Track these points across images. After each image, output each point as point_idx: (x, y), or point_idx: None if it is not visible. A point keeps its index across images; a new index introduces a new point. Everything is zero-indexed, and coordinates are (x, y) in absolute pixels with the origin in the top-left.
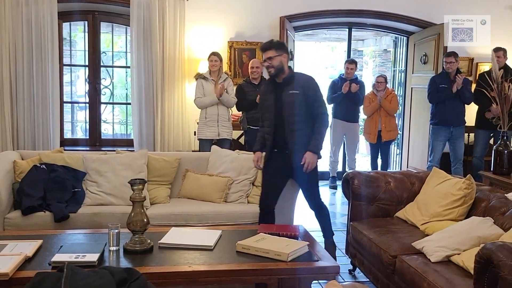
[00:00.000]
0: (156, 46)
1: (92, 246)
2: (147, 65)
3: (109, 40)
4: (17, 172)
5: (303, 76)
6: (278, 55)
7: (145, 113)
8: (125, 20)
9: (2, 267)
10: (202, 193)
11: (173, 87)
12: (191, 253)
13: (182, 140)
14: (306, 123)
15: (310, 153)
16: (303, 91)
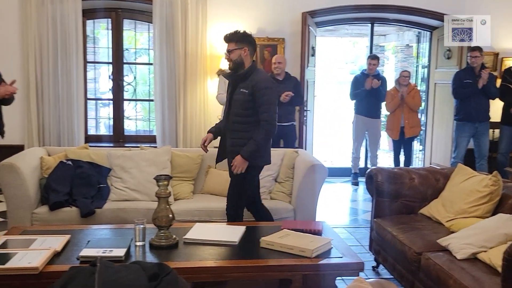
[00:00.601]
0: (178, 43)
1: (119, 241)
2: (169, 61)
3: (131, 37)
4: (44, 168)
5: (258, 76)
6: (238, 49)
7: (167, 110)
8: (147, 17)
9: (33, 261)
10: (225, 189)
11: (195, 83)
12: (216, 248)
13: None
14: (249, 126)
15: (239, 157)
16: (251, 91)
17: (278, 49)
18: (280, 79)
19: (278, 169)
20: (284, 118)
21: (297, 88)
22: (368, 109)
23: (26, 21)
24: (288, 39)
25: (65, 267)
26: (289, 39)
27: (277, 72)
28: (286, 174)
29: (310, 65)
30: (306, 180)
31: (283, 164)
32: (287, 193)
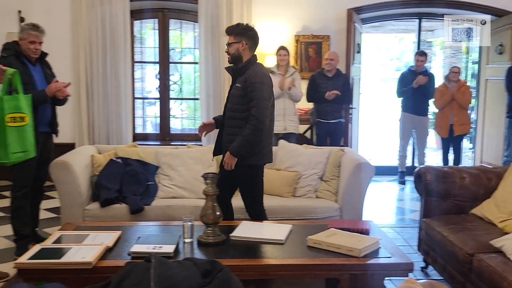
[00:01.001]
0: (224, 42)
1: (168, 237)
2: (214, 60)
3: (177, 37)
4: (95, 166)
5: (253, 70)
6: (236, 42)
7: (212, 108)
8: (193, 16)
9: (86, 256)
10: (270, 187)
11: None
12: (263, 246)
13: None
14: (243, 121)
15: (228, 153)
16: (244, 86)
17: (323, 46)
18: (329, 75)
19: (323, 167)
20: (331, 116)
21: (346, 87)
22: (416, 107)
23: (76, 23)
24: (333, 36)
25: (116, 262)
26: (334, 36)
27: (328, 68)
28: (332, 172)
29: (355, 63)
30: (352, 179)
31: (328, 163)
32: (333, 191)
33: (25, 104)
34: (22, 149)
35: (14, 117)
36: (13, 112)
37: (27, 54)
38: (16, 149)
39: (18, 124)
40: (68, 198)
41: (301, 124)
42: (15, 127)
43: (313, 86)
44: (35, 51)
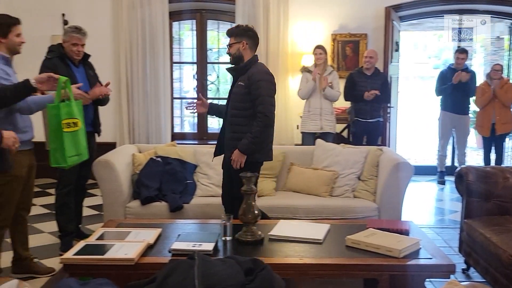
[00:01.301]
0: (260, 42)
1: (207, 236)
2: None
3: (214, 37)
4: (136, 164)
5: (255, 69)
6: (236, 43)
7: None
8: (230, 17)
9: (129, 253)
10: (308, 187)
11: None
12: (301, 245)
13: (285, 134)
14: (246, 119)
15: (236, 151)
16: (247, 84)
17: (361, 45)
18: (368, 74)
19: (361, 167)
20: (369, 115)
21: (385, 85)
22: (456, 105)
23: (117, 25)
24: (370, 35)
25: (157, 259)
26: (371, 34)
27: (367, 66)
28: (370, 172)
29: (393, 61)
30: (391, 179)
31: (366, 162)
32: (371, 191)
33: (77, 109)
34: (76, 153)
35: (68, 123)
36: (67, 118)
37: (70, 56)
38: (72, 152)
39: (72, 129)
40: (110, 196)
41: (338, 123)
42: (70, 132)
43: (351, 85)
44: (77, 53)
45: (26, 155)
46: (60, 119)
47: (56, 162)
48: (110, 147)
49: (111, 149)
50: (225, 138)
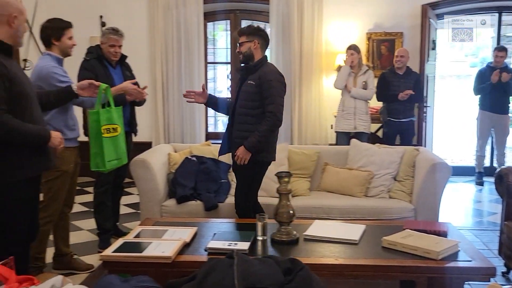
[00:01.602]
0: (294, 41)
1: (242, 235)
2: (285, 60)
3: None
4: (171, 164)
5: (267, 68)
6: (248, 41)
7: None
8: (264, 17)
9: (166, 251)
10: (342, 187)
11: (310, 80)
12: (336, 246)
13: (319, 133)
14: (255, 118)
15: (242, 148)
16: (258, 83)
17: (396, 43)
18: (400, 73)
19: (397, 167)
20: (402, 114)
21: (418, 85)
22: (495, 104)
23: (153, 26)
24: (406, 33)
25: (194, 258)
26: (407, 33)
27: (398, 66)
28: (406, 172)
29: (430, 60)
30: (428, 179)
31: (402, 162)
32: (407, 192)
33: (117, 116)
34: (116, 157)
35: (108, 129)
36: (107, 124)
37: (108, 57)
38: (111, 157)
39: (111, 134)
40: (147, 195)
41: (373, 123)
42: (109, 138)
43: (383, 85)
44: (115, 54)
45: (73, 152)
46: (100, 125)
47: (96, 166)
48: (145, 147)
49: (146, 148)
50: (233, 137)
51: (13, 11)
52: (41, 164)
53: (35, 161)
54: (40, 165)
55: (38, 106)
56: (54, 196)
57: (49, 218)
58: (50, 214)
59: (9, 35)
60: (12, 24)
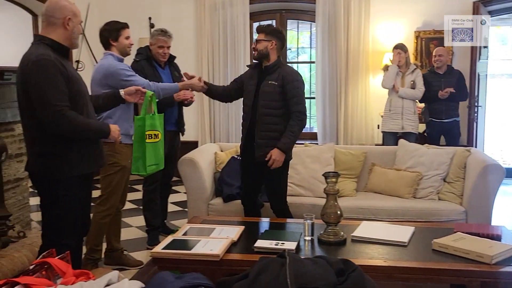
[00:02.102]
0: (341, 40)
1: (289, 234)
2: (331, 59)
3: (291, 37)
4: (218, 163)
5: (288, 69)
6: (266, 40)
7: (328, 107)
8: (310, 16)
9: (214, 249)
10: (390, 188)
11: (357, 80)
12: (385, 248)
13: (365, 133)
14: (280, 118)
15: (277, 150)
16: (282, 83)
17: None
18: (440, 72)
19: (447, 168)
20: (445, 114)
21: (461, 83)
22: None
23: (200, 27)
24: None
25: (241, 256)
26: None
27: (438, 65)
28: (456, 174)
29: (482, 58)
30: (480, 181)
31: (453, 164)
32: (457, 194)
33: (159, 123)
34: (155, 162)
35: (150, 135)
36: (150, 130)
37: (157, 58)
38: (151, 162)
39: (153, 140)
40: (194, 193)
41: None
42: (151, 143)
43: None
44: (163, 55)
45: (130, 149)
46: (144, 130)
47: (136, 170)
48: (192, 145)
49: (193, 147)
50: (256, 137)
51: (68, 13)
52: (94, 162)
53: (89, 160)
54: (93, 163)
55: (91, 105)
56: (113, 190)
57: (108, 211)
58: (109, 208)
59: (65, 37)
60: (67, 26)
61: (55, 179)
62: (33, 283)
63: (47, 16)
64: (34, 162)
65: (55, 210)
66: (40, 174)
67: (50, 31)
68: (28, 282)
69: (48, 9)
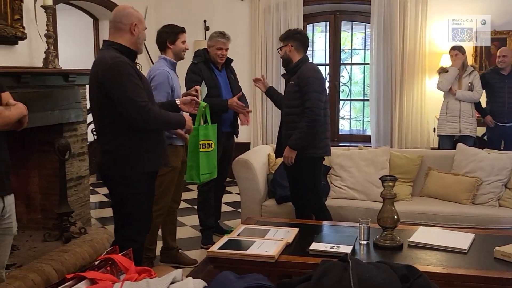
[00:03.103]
0: (396, 42)
1: (344, 238)
2: (386, 61)
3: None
4: (271, 165)
5: (305, 67)
6: (284, 46)
7: (383, 109)
8: (365, 17)
9: (269, 250)
10: (447, 193)
11: (412, 82)
12: (444, 254)
13: (420, 137)
14: (299, 117)
15: (287, 148)
16: (297, 82)
17: (508, 42)
18: (504, 73)
19: (508, 174)
20: (507, 118)
21: None
22: None
23: (254, 29)
24: None
25: (296, 258)
26: None
27: (502, 66)
28: None
29: None
30: None
31: None
32: None
33: (212, 133)
34: (209, 171)
35: (204, 144)
36: (204, 139)
37: (215, 60)
38: (205, 171)
39: (206, 150)
40: (248, 194)
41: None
42: (205, 153)
43: (483, 86)
44: (221, 57)
45: (180, 150)
46: (198, 140)
47: (190, 178)
48: (244, 147)
49: (245, 148)
50: (282, 138)
51: (134, 20)
52: (161, 160)
53: (157, 158)
54: (160, 161)
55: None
56: (164, 191)
57: (160, 211)
58: (161, 207)
59: (131, 42)
60: (134, 32)
61: (125, 177)
62: (99, 278)
63: (114, 22)
64: (105, 160)
65: (126, 208)
66: (110, 172)
67: (117, 37)
68: (94, 277)
69: (115, 16)
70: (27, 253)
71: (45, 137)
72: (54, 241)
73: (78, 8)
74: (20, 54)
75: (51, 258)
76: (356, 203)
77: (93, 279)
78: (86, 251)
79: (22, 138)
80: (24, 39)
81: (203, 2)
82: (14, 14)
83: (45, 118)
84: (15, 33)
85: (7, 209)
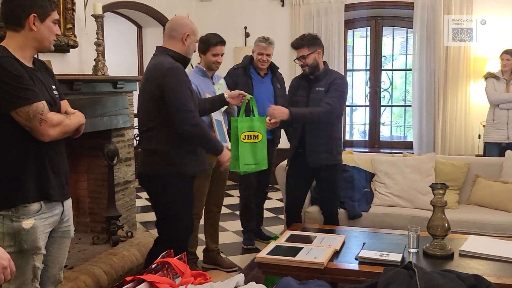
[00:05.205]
0: (440, 47)
1: (392, 246)
2: (428, 66)
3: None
4: None
5: (334, 74)
6: (312, 53)
7: (425, 115)
8: (407, 23)
9: (318, 257)
10: (495, 201)
11: (456, 88)
12: (497, 264)
13: (465, 143)
14: (326, 124)
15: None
16: (327, 88)
17: None
18: None
19: None
20: None
21: None
22: None
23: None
24: None
25: (344, 265)
26: None
27: None
28: None
29: None
30: None
31: None
32: None
33: (259, 124)
34: (254, 162)
35: (248, 135)
36: (248, 131)
37: (257, 66)
38: (249, 161)
39: (251, 141)
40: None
41: None
42: (248, 143)
43: None
44: (262, 62)
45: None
46: (238, 131)
47: (233, 168)
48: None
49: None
50: (307, 144)
51: (188, 30)
52: (202, 163)
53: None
54: (200, 164)
55: None
56: (197, 194)
57: (196, 215)
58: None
59: (181, 51)
60: (185, 41)
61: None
62: (157, 281)
63: (170, 29)
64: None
65: (168, 210)
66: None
67: (171, 44)
68: (153, 280)
69: (171, 24)
70: (77, 255)
71: (94, 142)
72: (103, 244)
73: (123, 16)
74: (71, 61)
75: (101, 260)
76: (401, 210)
77: (152, 282)
78: (134, 255)
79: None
80: (76, 47)
81: (243, 9)
82: (66, 23)
83: (95, 124)
84: (68, 42)
85: (66, 213)
